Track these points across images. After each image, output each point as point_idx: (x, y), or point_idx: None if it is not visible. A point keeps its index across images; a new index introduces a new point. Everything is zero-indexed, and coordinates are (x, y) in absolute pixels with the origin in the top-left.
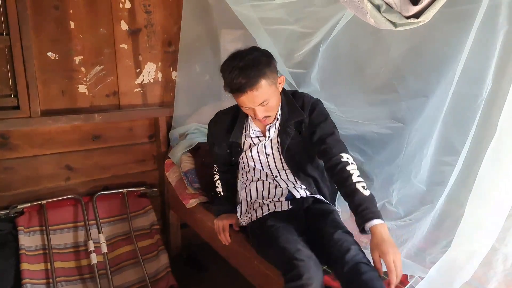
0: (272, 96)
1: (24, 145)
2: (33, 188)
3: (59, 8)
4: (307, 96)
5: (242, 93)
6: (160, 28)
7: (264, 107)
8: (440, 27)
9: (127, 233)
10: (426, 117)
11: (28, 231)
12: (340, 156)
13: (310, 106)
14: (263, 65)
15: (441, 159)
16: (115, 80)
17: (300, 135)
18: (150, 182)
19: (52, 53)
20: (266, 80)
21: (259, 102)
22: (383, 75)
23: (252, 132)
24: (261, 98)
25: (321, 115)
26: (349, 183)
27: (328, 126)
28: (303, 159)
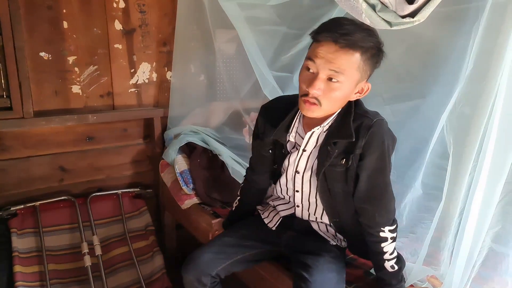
0: (346, 83)
1: (17, 146)
2: (26, 189)
3: (52, 7)
4: (369, 118)
5: (329, 39)
6: (154, 28)
7: (326, 84)
8: (436, 26)
9: (121, 235)
10: (422, 120)
11: (21, 233)
12: (380, 230)
13: (368, 135)
14: (373, 47)
15: (438, 162)
16: (109, 81)
17: (346, 165)
18: (145, 183)
19: (45, 53)
20: (360, 59)
21: (332, 68)
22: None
23: (294, 133)
24: (338, 65)
25: (378, 158)
26: (379, 258)
27: (383, 181)
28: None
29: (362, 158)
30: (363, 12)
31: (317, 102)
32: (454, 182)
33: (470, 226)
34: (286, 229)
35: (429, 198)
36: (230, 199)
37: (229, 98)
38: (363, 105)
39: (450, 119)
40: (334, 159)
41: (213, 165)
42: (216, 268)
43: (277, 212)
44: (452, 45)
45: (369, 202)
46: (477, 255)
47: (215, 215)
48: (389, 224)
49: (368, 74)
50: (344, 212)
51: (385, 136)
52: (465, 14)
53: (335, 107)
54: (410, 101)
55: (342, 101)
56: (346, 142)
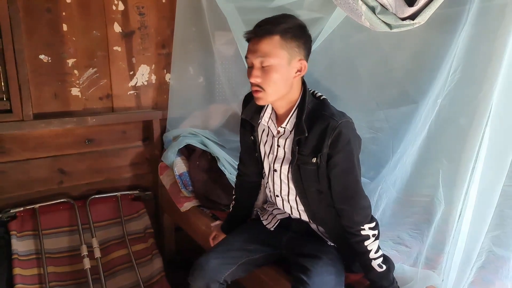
0: (277, 63)
1: (17, 149)
2: (25, 192)
3: (52, 10)
4: (334, 119)
5: (252, 35)
6: (153, 30)
7: (262, 71)
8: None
9: (120, 237)
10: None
11: (20, 236)
12: (360, 229)
13: (334, 135)
14: (292, 27)
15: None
16: (108, 83)
17: (317, 164)
18: (144, 186)
19: (44, 56)
20: (281, 39)
21: (259, 55)
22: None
23: (267, 118)
24: (263, 51)
25: (346, 158)
26: (365, 258)
27: (353, 180)
28: (315, 194)
29: (330, 157)
30: (363, 14)
31: (260, 88)
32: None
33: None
34: (285, 230)
35: (414, 204)
36: (229, 201)
37: (228, 100)
38: (330, 107)
39: (439, 125)
40: (305, 157)
41: (212, 167)
42: (224, 274)
43: (274, 216)
44: (443, 49)
45: (344, 202)
46: (475, 258)
47: (214, 218)
48: (368, 222)
49: (297, 51)
50: (321, 213)
51: (350, 136)
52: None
53: (280, 89)
54: (404, 106)
55: (284, 82)
56: (314, 141)
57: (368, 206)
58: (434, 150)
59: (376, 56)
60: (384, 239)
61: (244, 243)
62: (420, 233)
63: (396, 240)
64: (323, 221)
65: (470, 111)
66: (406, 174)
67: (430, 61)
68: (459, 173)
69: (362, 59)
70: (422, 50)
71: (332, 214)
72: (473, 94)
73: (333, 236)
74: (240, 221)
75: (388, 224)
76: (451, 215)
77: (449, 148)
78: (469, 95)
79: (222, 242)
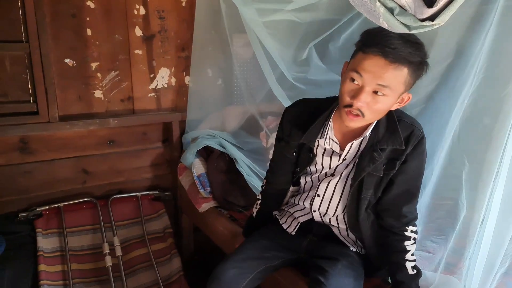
0: (391, 96)
1: (43, 149)
2: (51, 191)
3: (76, 16)
4: (417, 128)
5: (379, 53)
6: (173, 33)
7: (374, 98)
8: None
9: (140, 236)
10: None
11: (46, 233)
12: (405, 230)
13: (416, 144)
14: (421, 62)
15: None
16: (129, 85)
17: (385, 171)
18: (164, 186)
19: (69, 59)
20: (408, 73)
21: (380, 82)
22: None
23: (328, 139)
24: (386, 80)
25: (418, 166)
26: (401, 257)
27: (416, 187)
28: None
29: (404, 163)
30: (381, 15)
31: (360, 113)
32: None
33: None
34: (306, 233)
35: (439, 208)
36: (247, 203)
37: (246, 102)
38: (406, 113)
39: (462, 125)
40: (379, 165)
41: (230, 169)
42: (242, 284)
43: (294, 218)
44: (470, 49)
45: (397, 204)
46: (499, 263)
47: (232, 219)
48: (413, 225)
49: (411, 85)
50: (363, 220)
51: (425, 145)
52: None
53: (376, 118)
54: (430, 106)
55: (384, 112)
56: (392, 149)
57: (415, 210)
58: (457, 151)
59: None
60: None
61: (262, 251)
62: (445, 238)
63: (418, 247)
64: (363, 230)
65: (494, 111)
66: (434, 177)
67: (457, 61)
68: (482, 176)
69: None
70: (450, 49)
71: (372, 224)
72: (497, 94)
73: (369, 245)
74: (261, 226)
75: None
76: (473, 219)
77: (472, 149)
78: (493, 95)
79: (239, 250)
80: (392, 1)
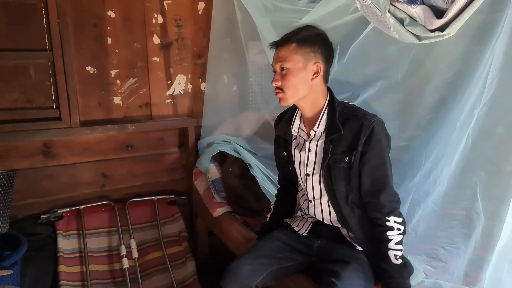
0: (294, 69)
1: (64, 154)
2: (71, 193)
3: (98, 25)
4: (368, 119)
5: (275, 46)
6: (190, 41)
7: (282, 75)
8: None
9: (156, 240)
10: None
11: (66, 235)
12: (386, 220)
13: (368, 133)
14: (308, 35)
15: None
16: (147, 92)
17: (349, 163)
18: (179, 190)
19: (91, 67)
20: (297, 46)
21: (278, 60)
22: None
23: (297, 128)
24: (281, 56)
25: (378, 154)
26: (383, 246)
27: (383, 175)
28: (344, 196)
29: (363, 154)
30: (391, 26)
31: (280, 90)
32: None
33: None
34: (317, 237)
35: (450, 217)
36: (260, 208)
37: (260, 108)
38: (361, 109)
39: (474, 135)
40: (337, 156)
41: (244, 174)
42: (256, 280)
43: (306, 220)
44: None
45: (373, 195)
46: None
47: (245, 224)
48: (395, 215)
49: (313, 55)
50: (350, 217)
51: (382, 135)
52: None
53: (299, 90)
54: (439, 115)
55: (301, 84)
56: (348, 140)
57: (396, 201)
58: (470, 161)
59: (412, 63)
60: (418, 253)
61: (275, 251)
62: (457, 247)
63: (430, 254)
64: (351, 225)
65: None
66: (443, 186)
67: (466, 69)
68: (499, 186)
69: (398, 65)
70: (458, 57)
71: (360, 218)
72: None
73: (361, 240)
74: (275, 228)
75: (422, 236)
76: (493, 230)
77: (487, 159)
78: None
79: (253, 248)
80: (402, 12)
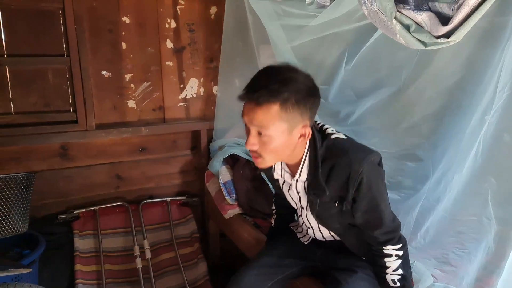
0: (275, 135)
1: (81, 156)
2: (87, 194)
3: (113, 31)
4: (355, 168)
5: (247, 97)
6: (202, 45)
7: (259, 139)
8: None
9: (169, 241)
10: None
11: (82, 235)
12: (383, 248)
13: (358, 185)
14: (294, 93)
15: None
16: (160, 95)
17: (339, 208)
18: (192, 192)
19: (106, 71)
20: (281, 110)
21: (255, 124)
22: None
23: (279, 170)
24: (259, 121)
25: (370, 200)
26: (381, 271)
27: (377, 216)
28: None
29: (354, 202)
30: (398, 32)
31: (258, 155)
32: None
33: None
34: (319, 245)
35: (460, 223)
36: (271, 210)
37: None
38: (345, 147)
39: (485, 142)
40: (326, 203)
41: (255, 176)
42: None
43: (307, 232)
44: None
45: (368, 229)
46: None
47: (256, 226)
48: (393, 243)
49: (300, 119)
50: (351, 239)
51: (373, 180)
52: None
53: (281, 156)
54: (446, 122)
55: (284, 150)
56: (337, 192)
57: (393, 231)
58: (481, 168)
59: (416, 69)
60: (428, 257)
61: (279, 259)
62: (467, 252)
63: (440, 259)
64: (351, 243)
65: None
66: (453, 193)
67: (473, 74)
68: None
69: (402, 71)
70: (464, 62)
71: (359, 235)
72: None
73: (362, 255)
74: (283, 230)
75: (432, 242)
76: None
77: (498, 166)
78: None
79: (257, 257)
80: (408, 19)
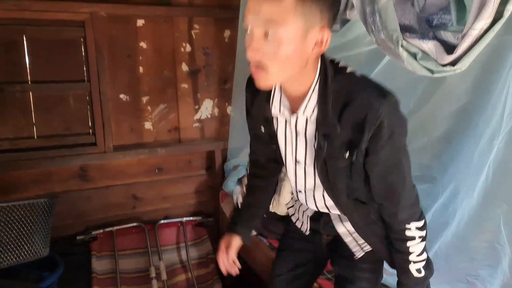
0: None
1: (99, 177)
2: (105, 215)
3: (131, 56)
4: (373, 108)
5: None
6: (216, 67)
7: (266, 43)
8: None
9: (184, 262)
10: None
11: (99, 256)
12: (405, 228)
13: (374, 128)
14: None
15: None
16: (176, 117)
17: (349, 160)
18: (206, 212)
19: (124, 95)
20: (297, 2)
21: (263, 19)
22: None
23: (277, 104)
24: (268, 14)
25: (389, 155)
26: (404, 259)
27: (398, 178)
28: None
29: (369, 153)
30: (405, 60)
31: (260, 67)
32: None
33: None
34: (319, 233)
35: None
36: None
37: None
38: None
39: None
40: (335, 150)
41: None
42: None
43: (302, 213)
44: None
45: (387, 199)
46: None
47: (271, 247)
48: (415, 219)
49: (319, 18)
50: (347, 209)
51: (395, 125)
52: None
53: (289, 70)
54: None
55: (296, 61)
56: (348, 135)
57: (415, 203)
58: (492, 193)
59: (424, 92)
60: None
61: (293, 271)
62: (482, 279)
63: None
64: (354, 221)
65: None
66: (463, 218)
67: (478, 98)
68: None
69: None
70: (470, 86)
71: (365, 216)
72: None
73: (363, 234)
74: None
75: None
76: None
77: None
78: None
79: (271, 278)
80: (414, 47)
